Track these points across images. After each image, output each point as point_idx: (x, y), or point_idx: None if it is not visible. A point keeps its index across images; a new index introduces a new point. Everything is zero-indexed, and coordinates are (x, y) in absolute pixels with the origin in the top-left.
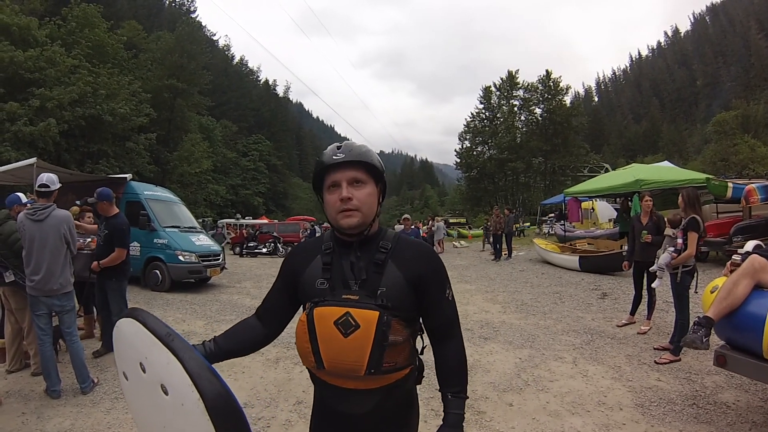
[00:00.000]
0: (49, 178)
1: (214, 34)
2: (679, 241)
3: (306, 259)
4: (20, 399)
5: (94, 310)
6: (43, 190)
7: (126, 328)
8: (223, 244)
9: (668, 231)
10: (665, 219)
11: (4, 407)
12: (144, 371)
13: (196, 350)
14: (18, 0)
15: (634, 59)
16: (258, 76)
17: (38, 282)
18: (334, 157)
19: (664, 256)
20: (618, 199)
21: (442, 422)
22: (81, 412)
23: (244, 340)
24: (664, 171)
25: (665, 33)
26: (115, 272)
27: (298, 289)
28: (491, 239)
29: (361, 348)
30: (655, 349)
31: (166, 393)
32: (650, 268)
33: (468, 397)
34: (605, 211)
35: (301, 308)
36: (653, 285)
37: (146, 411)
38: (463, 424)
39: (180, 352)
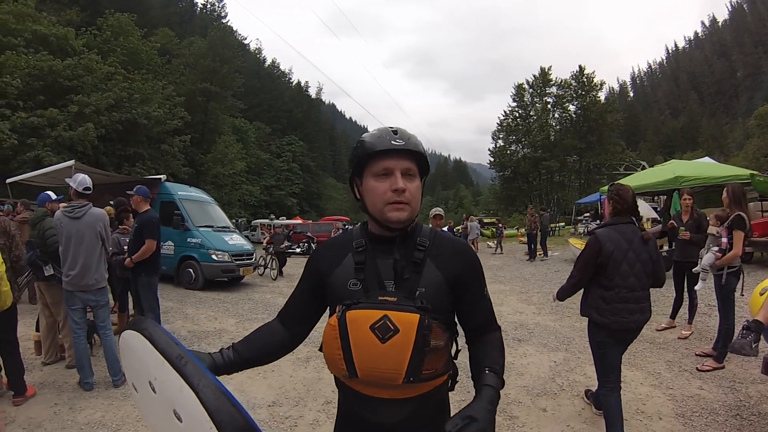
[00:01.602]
0: (90, 181)
1: (245, 38)
2: (724, 240)
3: (334, 258)
4: (54, 390)
5: (129, 307)
6: (87, 192)
7: (132, 342)
8: (283, 246)
9: (712, 229)
10: (707, 217)
11: (38, 398)
12: (154, 391)
13: (213, 377)
14: (55, 12)
15: (670, 51)
16: (290, 78)
17: (74, 277)
18: (393, 143)
19: (708, 257)
20: (655, 198)
21: (473, 399)
22: (112, 404)
23: (266, 346)
24: (705, 167)
25: (702, 23)
26: (144, 267)
27: (327, 291)
28: (526, 240)
29: (400, 354)
30: (697, 355)
31: (179, 419)
32: (693, 269)
33: (504, 382)
34: (643, 209)
35: (327, 311)
36: (697, 287)
37: (159, 425)
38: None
39: (194, 380)
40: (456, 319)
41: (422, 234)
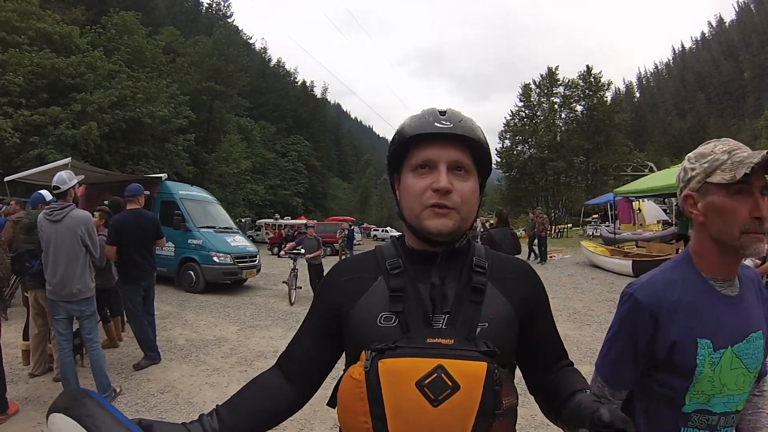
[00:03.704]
0: (59, 178)
1: (251, 38)
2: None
3: (359, 283)
4: (38, 406)
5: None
6: (55, 192)
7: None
8: (314, 256)
9: None
10: None
11: (21, 415)
12: None
13: None
14: (60, 10)
15: (677, 52)
16: (295, 78)
17: (56, 286)
18: (436, 125)
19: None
20: (666, 200)
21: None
22: None
23: (261, 411)
24: None
25: (709, 23)
26: (119, 274)
27: (345, 329)
28: (534, 242)
29: (460, 421)
30: None
31: None
32: None
33: None
34: (653, 211)
35: (343, 355)
36: None
37: None
38: None
39: None
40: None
41: (477, 253)
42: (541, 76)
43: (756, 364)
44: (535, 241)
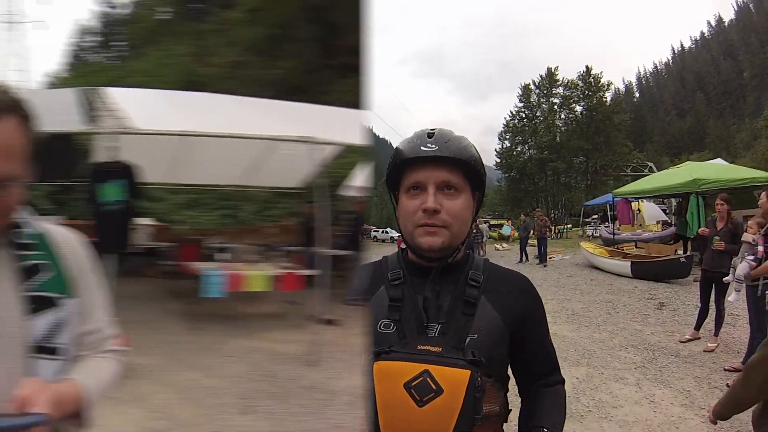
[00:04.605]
0: None
1: None
2: (761, 248)
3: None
4: None
5: None
6: None
7: None
8: None
9: (747, 237)
10: (743, 225)
11: None
12: None
13: None
14: None
15: (676, 52)
16: None
17: None
18: (422, 149)
19: (742, 266)
20: (665, 201)
21: None
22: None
23: None
24: (722, 169)
25: (708, 23)
26: None
27: None
28: (536, 243)
29: (441, 422)
30: (725, 369)
31: None
32: (724, 279)
33: None
34: (652, 212)
35: None
36: (731, 299)
37: None
38: None
39: None
40: (509, 370)
41: (474, 266)
42: (541, 76)
43: None
44: (529, 242)
